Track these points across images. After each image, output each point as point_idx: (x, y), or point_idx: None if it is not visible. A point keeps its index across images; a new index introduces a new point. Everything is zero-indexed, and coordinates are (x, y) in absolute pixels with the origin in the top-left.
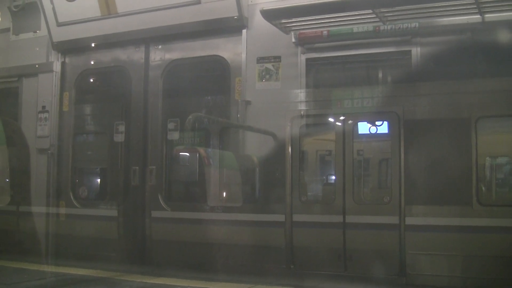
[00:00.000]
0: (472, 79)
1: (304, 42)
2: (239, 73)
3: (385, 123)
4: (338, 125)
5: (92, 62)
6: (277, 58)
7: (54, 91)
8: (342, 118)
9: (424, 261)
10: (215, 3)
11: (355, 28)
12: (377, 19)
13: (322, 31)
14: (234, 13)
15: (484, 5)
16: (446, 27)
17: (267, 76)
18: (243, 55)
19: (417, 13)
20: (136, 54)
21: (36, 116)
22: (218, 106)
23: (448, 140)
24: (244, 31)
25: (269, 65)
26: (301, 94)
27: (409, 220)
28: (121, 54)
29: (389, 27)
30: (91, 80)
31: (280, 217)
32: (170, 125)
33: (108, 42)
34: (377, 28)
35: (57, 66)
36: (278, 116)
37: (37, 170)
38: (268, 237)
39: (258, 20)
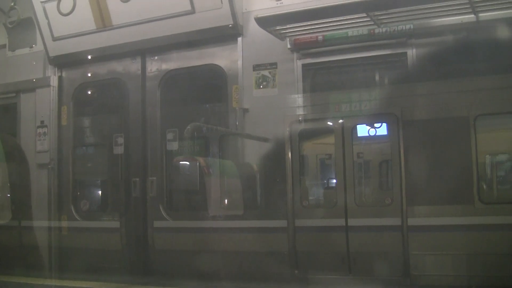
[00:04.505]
0: (468, 78)
1: (299, 47)
2: (236, 81)
3: (384, 124)
4: (337, 128)
5: (89, 75)
6: (273, 65)
7: (52, 105)
8: (340, 121)
9: (427, 261)
10: (209, 12)
11: (350, 32)
12: (372, 22)
13: (317, 36)
14: (229, 22)
15: (477, 5)
16: (440, 28)
17: (264, 83)
18: (239, 63)
19: (411, 15)
20: (132, 66)
21: (35, 131)
22: (216, 114)
23: (447, 139)
24: (239, 39)
25: (266, 72)
26: (298, 100)
27: (411, 221)
28: (118, 66)
29: (384, 29)
30: (89, 93)
31: (282, 223)
32: (169, 135)
33: (104, 54)
34: (372, 31)
35: (54, 81)
36: (276, 122)
37: (37, 185)
38: (271, 243)
39: (253, 28)
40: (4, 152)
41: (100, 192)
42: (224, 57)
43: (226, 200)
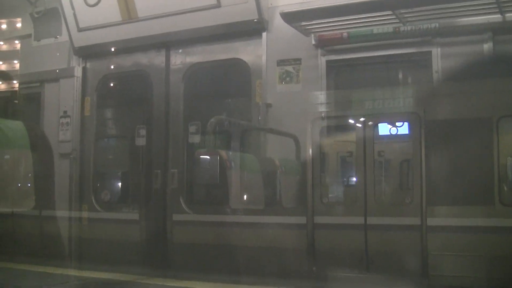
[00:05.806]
0: (493, 79)
1: (324, 44)
2: (259, 75)
3: (406, 124)
4: (359, 126)
5: (113, 67)
6: (297, 61)
7: (75, 96)
8: (362, 119)
9: (446, 262)
10: (235, 6)
11: (375, 30)
12: (397, 20)
13: (342, 33)
14: (254, 16)
15: (505, 4)
16: (466, 27)
17: (288, 79)
18: (264, 58)
19: (437, 14)
20: (157, 58)
21: (58, 121)
22: (239, 109)
23: (469, 139)
24: (264, 34)
25: (290, 68)
26: (321, 96)
27: (431, 221)
28: (142, 58)
29: (409, 27)
30: (112, 85)
31: (302, 219)
32: (192, 128)
33: (129, 46)
34: (397, 29)
35: (78, 71)
36: (299, 118)
37: (59, 174)
38: (290, 239)
39: (278, 23)
40: (29, 140)
41: (120, 183)
42: (248, 52)
43: (246, 195)
